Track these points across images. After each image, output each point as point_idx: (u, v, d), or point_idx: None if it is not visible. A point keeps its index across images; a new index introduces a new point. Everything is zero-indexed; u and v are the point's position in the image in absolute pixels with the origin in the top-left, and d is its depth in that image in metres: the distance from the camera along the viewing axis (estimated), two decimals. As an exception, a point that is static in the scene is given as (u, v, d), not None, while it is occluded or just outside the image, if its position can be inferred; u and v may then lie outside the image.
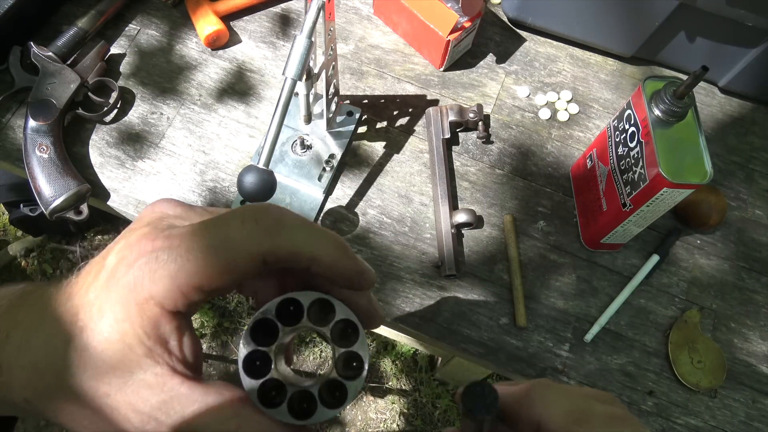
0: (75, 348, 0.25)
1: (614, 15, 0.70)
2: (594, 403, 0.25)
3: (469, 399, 0.23)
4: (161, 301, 0.24)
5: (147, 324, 0.24)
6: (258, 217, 0.25)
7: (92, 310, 0.25)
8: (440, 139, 0.68)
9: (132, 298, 0.24)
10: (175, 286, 0.24)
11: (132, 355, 0.24)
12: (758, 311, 0.66)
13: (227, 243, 0.24)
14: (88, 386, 0.25)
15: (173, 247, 0.24)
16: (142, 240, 0.25)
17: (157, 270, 0.24)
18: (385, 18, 0.75)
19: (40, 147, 0.62)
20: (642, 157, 0.54)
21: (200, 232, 0.25)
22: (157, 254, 0.24)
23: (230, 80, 0.71)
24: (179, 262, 0.24)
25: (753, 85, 0.73)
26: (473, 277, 0.65)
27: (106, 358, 0.24)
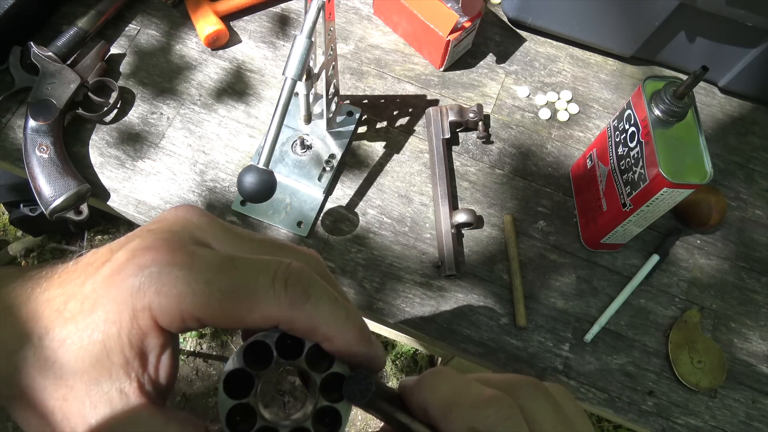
0: (50, 338, 0.23)
1: (614, 15, 0.70)
2: (473, 386, 0.24)
3: (346, 387, 0.24)
4: (158, 316, 0.23)
5: (135, 333, 0.23)
6: (289, 282, 0.23)
7: (84, 303, 0.23)
8: (440, 139, 0.68)
9: (131, 302, 0.23)
10: (179, 308, 0.23)
11: (107, 362, 0.23)
12: (758, 311, 0.66)
13: (249, 297, 0.23)
14: (48, 383, 0.23)
15: (192, 271, 0.23)
16: (162, 247, 0.24)
17: (167, 285, 0.23)
18: (385, 18, 0.75)
19: (40, 147, 0.62)
20: (642, 157, 0.54)
21: (225, 271, 0.23)
22: (172, 269, 0.23)
23: (230, 80, 0.71)
24: (192, 289, 0.23)
25: (753, 85, 0.73)
26: (473, 277, 0.65)
27: (79, 358, 0.23)
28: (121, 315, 0.23)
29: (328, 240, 0.65)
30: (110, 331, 0.23)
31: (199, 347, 1.45)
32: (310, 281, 0.24)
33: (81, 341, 0.23)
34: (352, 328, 0.25)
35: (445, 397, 0.24)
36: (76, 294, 0.24)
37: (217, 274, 0.23)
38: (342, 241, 0.65)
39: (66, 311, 0.24)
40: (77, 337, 0.23)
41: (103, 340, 0.23)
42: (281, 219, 0.65)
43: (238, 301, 0.23)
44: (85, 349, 0.23)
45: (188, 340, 1.45)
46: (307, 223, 0.65)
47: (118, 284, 0.23)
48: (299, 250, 0.28)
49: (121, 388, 0.23)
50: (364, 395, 0.23)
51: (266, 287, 0.23)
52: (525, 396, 0.24)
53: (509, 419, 0.22)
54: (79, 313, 0.23)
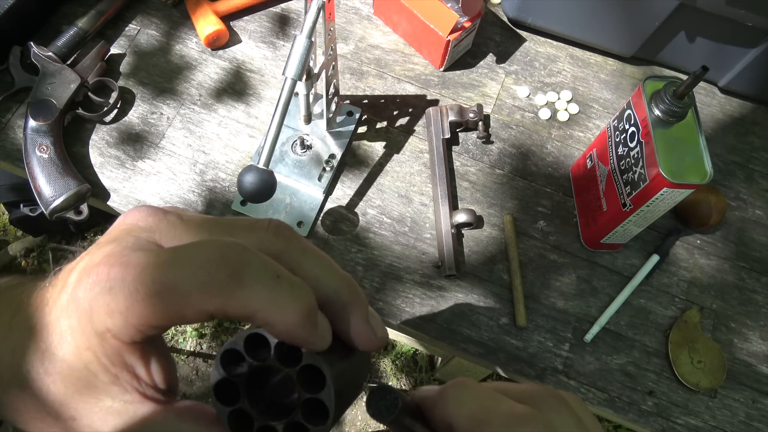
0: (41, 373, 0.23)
1: (614, 15, 0.70)
2: (501, 401, 0.24)
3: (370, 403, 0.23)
4: (118, 335, 0.22)
5: (110, 353, 0.23)
6: (215, 268, 0.22)
7: (55, 332, 0.23)
8: (440, 139, 0.68)
9: (91, 327, 0.23)
10: (129, 324, 0.22)
11: (98, 383, 0.23)
12: (758, 311, 0.66)
13: (175, 292, 0.22)
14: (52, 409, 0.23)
15: (126, 281, 0.22)
16: (101, 264, 0.23)
17: (110, 303, 0.22)
18: (385, 18, 0.75)
19: (40, 147, 0.62)
20: (642, 157, 0.54)
21: (153, 269, 0.22)
22: (110, 285, 0.22)
23: (230, 80, 0.71)
24: (129, 301, 0.22)
25: (753, 85, 0.73)
26: (473, 277, 0.65)
27: (71, 385, 0.23)
28: (89, 341, 0.23)
29: (328, 240, 0.65)
30: (86, 357, 0.23)
31: (199, 347, 1.45)
32: (243, 263, 0.22)
33: (65, 371, 0.23)
34: (293, 312, 0.23)
35: (473, 414, 0.23)
36: (50, 323, 0.24)
37: (144, 275, 0.22)
38: (342, 241, 0.65)
39: (41, 344, 0.24)
40: (60, 368, 0.23)
41: (85, 366, 0.23)
42: (281, 219, 0.65)
43: (167, 299, 0.22)
44: (73, 377, 0.23)
45: (188, 340, 1.45)
46: (307, 223, 0.65)
47: (75, 312, 0.23)
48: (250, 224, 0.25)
49: (123, 400, 0.23)
50: (391, 411, 0.23)
51: (191, 277, 0.22)
52: (549, 410, 0.24)
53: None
54: (53, 344, 0.23)
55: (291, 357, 0.25)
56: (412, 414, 0.24)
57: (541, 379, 0.62)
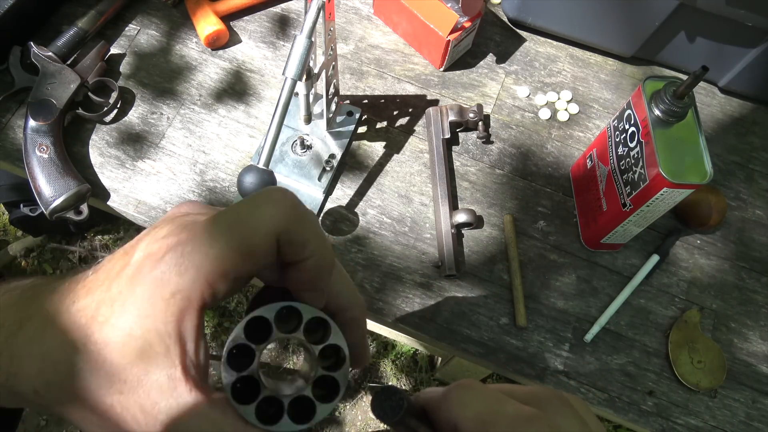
0: (94, 342, 0.25)
1: (614, 15, 0.70)
2: (507, 403, 0.24)
3: (375, 404, 0.24)
4: (188, 295, 0.25)
5: (170, 321, 0.25)
6: (278, 200, 0.26)
7: (114, 305, 0.25)
8: (440, 139, 0.68)
9: (158, 293, 0.24)
10: (202, 276, 0.24)
11: (151, 353, 0.24)
12: (758, 311, 0.66)
13: (244, 223, 0.25)
14: (102, 382, 0.25)
15: (196, 237, 0.25)
16: (169, 235, 0.25)
17: (183, 263, 0.24)
18: (385, 18, 0.75)
19: (40, 147, 0.62)
20: (642, 157, 0.54)
21: (219, 217, 0.26)
22: (182, 247, 0.25)
23: (230, 80, 0.71)
24: (203, 251, 0.25)
25: (753, 85, 0.73)
26: (473, 277, 0.65)
27: (125, 354, 0.24)
28: (153, 308, 0.24)
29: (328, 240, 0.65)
30: (146, 325, 0.24)
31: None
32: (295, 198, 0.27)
33: (122, 340, 0.25)
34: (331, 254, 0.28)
35: (479, 415, 0.24)
36: (105, 300, 0.25)
37: (213, 224, 0.25)
38: (342, 242, 0.65)
39: (99, 316, 0.25)
40: (118, 336, 0.25)
41: (142, 335, 0.24)
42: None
43: (239, 231, 0.25)
44: (128, 346, 0.24)
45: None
46: (307, 223, 0.65)
47: (142, 282, 0.25)
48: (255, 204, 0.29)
49: (168, 374, 0.25)
50: (396, 412, 0.23)
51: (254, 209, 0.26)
52: (554, 412, 0.24)
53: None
54: (112, 315, 0.25)
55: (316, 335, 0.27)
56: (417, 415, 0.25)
57: (541, 379, 0.62)
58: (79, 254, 1.46)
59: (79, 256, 1.47)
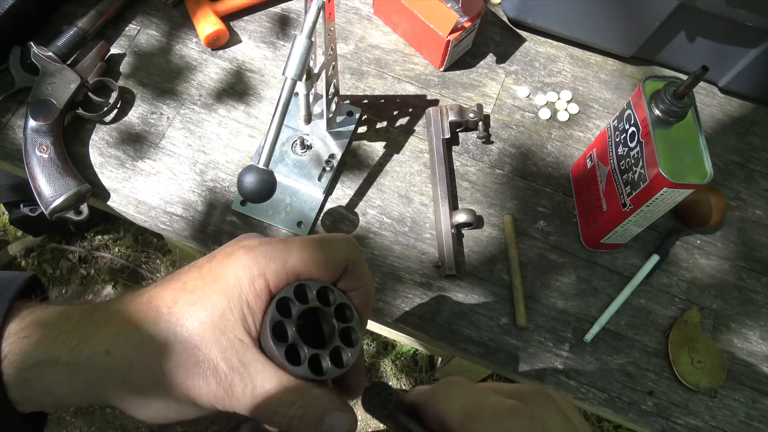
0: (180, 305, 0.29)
1: (614, 15, 0.70)
2: (491, 396, 0.26)
3: (365, 399, 0.27)
4: (270, 279, 0.30)
5: (252, 294, 0.29)
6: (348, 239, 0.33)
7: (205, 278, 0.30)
8: (440, 139, 0.68)
9: (248, 272, 0.30)
10: (284, 268, 0.30)
11: (230, 316, 0.29)
12: (758, 311, 0.66)
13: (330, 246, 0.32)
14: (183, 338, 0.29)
15: (288, 243, 0.31)
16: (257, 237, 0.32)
17: (274, 254, 0.30)
18: (385, 18, 0.75)
19: (40, 147, 0.62)
20: (642, 157, 0.54)
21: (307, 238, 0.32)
22: (274, 245, 0.31)
23: (230, 80, 0.71)
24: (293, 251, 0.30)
25: (753, 85, 0.73)
26: (473, 277, 0.65)
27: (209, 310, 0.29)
28: (240, 281, 0.30)
29: (328, 240, 0.65)
30: (233, 292, 0.29)
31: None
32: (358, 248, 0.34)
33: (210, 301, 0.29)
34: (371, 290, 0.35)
35: (464, 408, 0.25)
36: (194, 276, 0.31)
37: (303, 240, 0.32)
38: (342, 241, 0.65)
39: (188, 286, 0.30)
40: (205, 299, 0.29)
41: (227, 299, 0.29)
42: (281, 219, 0.65)
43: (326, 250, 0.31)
44: (213, 306, 0.29)
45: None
46: (307, 223, 0.65)
47: (234, 261, 0.30)
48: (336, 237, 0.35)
49: (240, 337, 0.29)
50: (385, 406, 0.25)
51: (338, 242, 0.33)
52: (537, 406, 0.25)
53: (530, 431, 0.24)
54: (203, 284, 0.30)
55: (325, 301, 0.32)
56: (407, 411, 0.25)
57: (541, 379, 0.62)
58: (79, 254, 1.46)
59: (79, 256, 1.46)
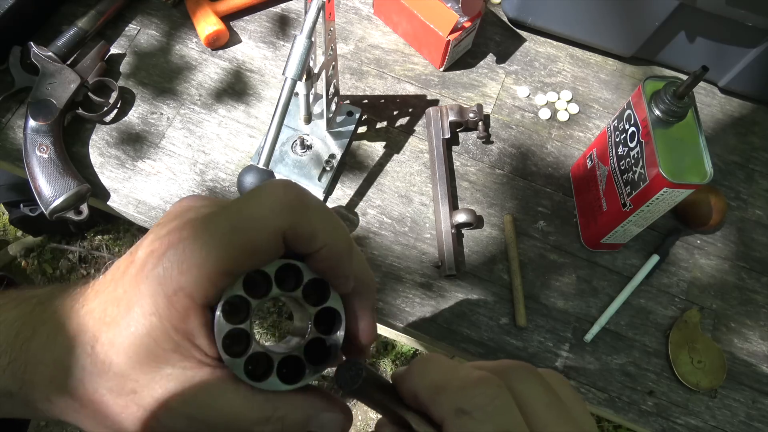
0: (101, 344, 0.24)
1: (614, 15, 0.70)
2: (462, 370, 0.24)
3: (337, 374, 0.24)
4: (191, 293, 0.24)
5: (175, 318, 0.24)
6: (282, 194, 0.25)
7: (120, 305, 0.24)
8: (440, 139, 0.68)
9: (161, 290, 0.24)
10: (204, 274, 0.24)
11: (159, 350, 0.24)
12: (758, 311, 0.66)
13: (250, 221, 0.24)
14: (112, 384, 0.24)
15: (198, 235, 0.24)
16: (171, 232, 0.25)
17: (185, 260, 0.24)
18: (385, 18, 0.75)
19: (40, 147, 0.62)
20: (642, 157, 0.54)
21: (222, 213, 0.25)
22: (183, 245, 0.24)
23: (230, 80, 0.71)
24: (205, 249, 0.24)
25: (753, 85, 0.73)
26: (473, 277, 0.65)
27: (132, 354, 0.24)
28: (156, 306, 0.24)
29: (328, 240, 0.65)
30: (151, 322, 0.24)
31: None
32: (302, 191, 0.26)
33: (128, 339, 0.24)
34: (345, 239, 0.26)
35: (434, 382, 0.24)
36: (111, 300, 0.25)
37: (216, 220, 0.25)
38: (342, 241, 0.65)
39: (107, 317, 0.25)
40: (124, 336, 0.24)
41: (148, 332, 0.24)
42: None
43: (244, 229, 0.24)
44: (135, 345, 0.24)
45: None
46: (307, 223, 0.65)
47: (145, 279, 0.24)
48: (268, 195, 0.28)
49: (182, 366, 0.24)
50: (354, 381, 0.24)
51: (260, 205, 0.25)
52: (516, 378, 0.24)
53: (497, 398, 0.22)
54: (118, 315, 0.25)
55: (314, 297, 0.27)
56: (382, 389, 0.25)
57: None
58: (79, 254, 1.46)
59: (79, 256, 1.47)
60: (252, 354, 0.25)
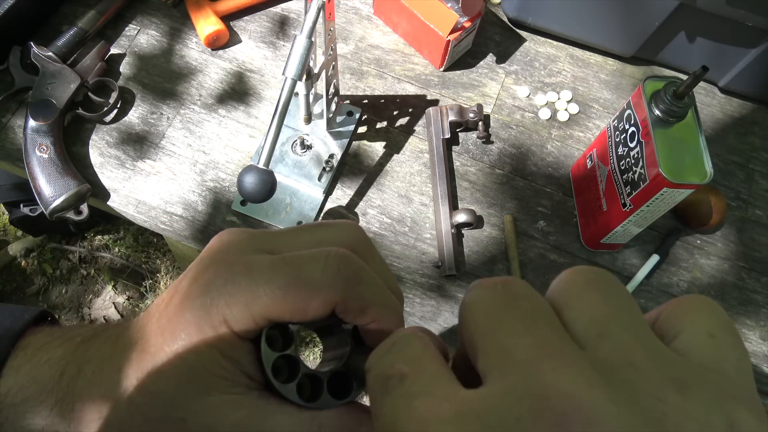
0: (148, 375, 0.24)
1: (614, 15, 0.70)
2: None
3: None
4: (233, 325, 0.24)
5: (222, 345, 0.24)
6: (340, 266, 0.25)
7: (164, 333, 0.24)
8: (440, 139, 0.68)
9: (207, 318, 0.24)
10: (249, 314, 0.24)
11: (208, 376, 0.24)
12: (758, 311, 0.66)
13: (307, 284, 0.24)
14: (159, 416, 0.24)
15: (252, 275, 0.24)
16: (220, 264, 0.25)
17: (234, 294, 0.24)
18: (385, 18, 0.75)
19: (40, 147, 0.62)
20: (642, 157, 0.54)
21: (281, 268, 0.24)
22: (235, 278, 0.24)
23: (230, 80, 0.71)
24: (256, 293, 0.24)
25: (753, 85, 0.73)
26: (473, 277, 0.65)
27: (181, 381, 0.24)
28: (203, 333, 0.24)
29: (328, 240, 0.65)
30: (199, 348, 0.24)
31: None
32: (360, 264, 0.25)
33: (176, 367, 0.24)
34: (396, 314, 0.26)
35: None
36: (155, 331, 0.25)
37: (273, 272, 0.24)
38: (342, 241, 0.65)
39: (151, 347, 0.25)
40: (171, 364, 0.24)
41: (197, 358, 0.24)
42: (281, 219, 0.65)
43: (300, 291, 0.24)
44: (183, 372, 0.24)
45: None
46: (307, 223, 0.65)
47: (190, 307, 0.24)
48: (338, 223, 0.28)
49: (232, 392, 0.24)
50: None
51: (319, 272, 0.24)
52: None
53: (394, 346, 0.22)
54: (164, 343, 0.24)
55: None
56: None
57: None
58: (79, 254, 1.46)
59: (79, 256, 1.46)
60: (303, 375, 0.26)
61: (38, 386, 0.26)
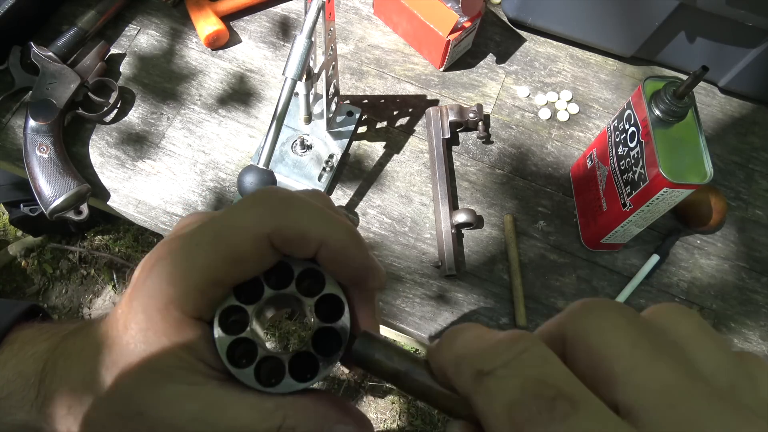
0: (106, 367, 0.24)
1: (614, 15, 0.70)
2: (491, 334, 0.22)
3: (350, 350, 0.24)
4: (181, 305, 0.23)
5: (171, 331, 0.23)
6: (264, 199, 0.24)
7: (118, 325, 0.24)
8: (440, 139, 0.68)
9: (153, 304, 0.23)
10: (191, 285, 0.23)
11: (162, 367, 0.23)
12: (758, 311, 0.66)
13: (231, 228, 0.23)
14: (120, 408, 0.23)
15: (184, 246, 0.23)
16: (163, 245, 0.24)
17: (173, 272, 0.23)
18: (385, 18, 0.75)
19: (40, 147, 0.62)
20: (642, 157, 0.54)
21: (207, 224, 0.24)
22: (171, 256, 0.23)
23: (230, 80, 0.71)
24: (190, 259, 0.23)
25: (753, 85, 0.73)
26: (473, 277, 0.65)
27: (134, 373, 0.23)
28: (150, 320, 0.23)
29: (328, 240, 0.65)
30: (148, 338, 0.23)
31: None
32: (288, 193, 0.24)
33: (129, 358, 0.23)
34: (345, 230, 0.24)
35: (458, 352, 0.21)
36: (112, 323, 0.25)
37: (201, 231, 0.24)
38: (342, 241, 0.65)
39: (108, 340, 0.24)
40: (124, 356, 0.23)
41: (146, 348, 0.23)
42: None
43: (226, 238, 0.23)
44: (136, 363, 0.23)
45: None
46: (307, 223, 0.65)
47: (137, 296, 0.24)
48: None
49: (188, 382, 0.23)
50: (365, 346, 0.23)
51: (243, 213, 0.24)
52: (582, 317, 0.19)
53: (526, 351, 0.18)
54: (117, 335, 0.24)
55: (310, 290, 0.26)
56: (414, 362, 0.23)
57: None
58: (79, 254, 1.46)
59: (79, 256, 1.46)
60: (260, 361, 0.24)
61: (23, 380, 0.26)
